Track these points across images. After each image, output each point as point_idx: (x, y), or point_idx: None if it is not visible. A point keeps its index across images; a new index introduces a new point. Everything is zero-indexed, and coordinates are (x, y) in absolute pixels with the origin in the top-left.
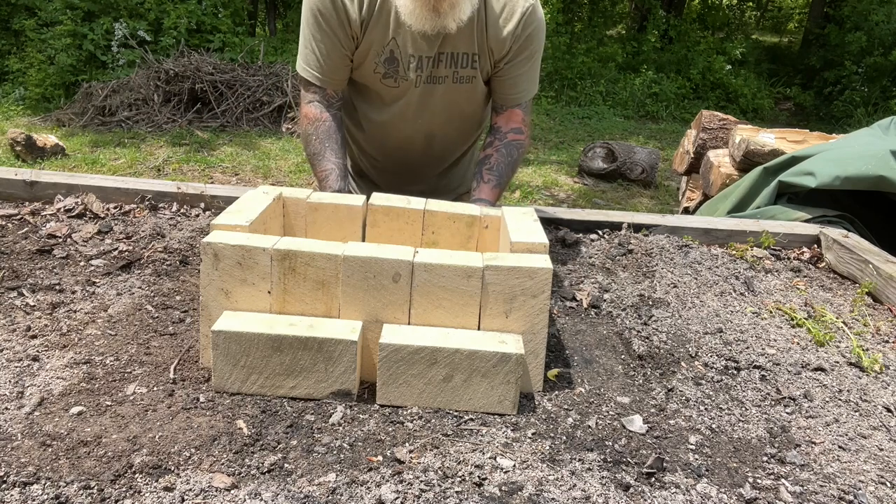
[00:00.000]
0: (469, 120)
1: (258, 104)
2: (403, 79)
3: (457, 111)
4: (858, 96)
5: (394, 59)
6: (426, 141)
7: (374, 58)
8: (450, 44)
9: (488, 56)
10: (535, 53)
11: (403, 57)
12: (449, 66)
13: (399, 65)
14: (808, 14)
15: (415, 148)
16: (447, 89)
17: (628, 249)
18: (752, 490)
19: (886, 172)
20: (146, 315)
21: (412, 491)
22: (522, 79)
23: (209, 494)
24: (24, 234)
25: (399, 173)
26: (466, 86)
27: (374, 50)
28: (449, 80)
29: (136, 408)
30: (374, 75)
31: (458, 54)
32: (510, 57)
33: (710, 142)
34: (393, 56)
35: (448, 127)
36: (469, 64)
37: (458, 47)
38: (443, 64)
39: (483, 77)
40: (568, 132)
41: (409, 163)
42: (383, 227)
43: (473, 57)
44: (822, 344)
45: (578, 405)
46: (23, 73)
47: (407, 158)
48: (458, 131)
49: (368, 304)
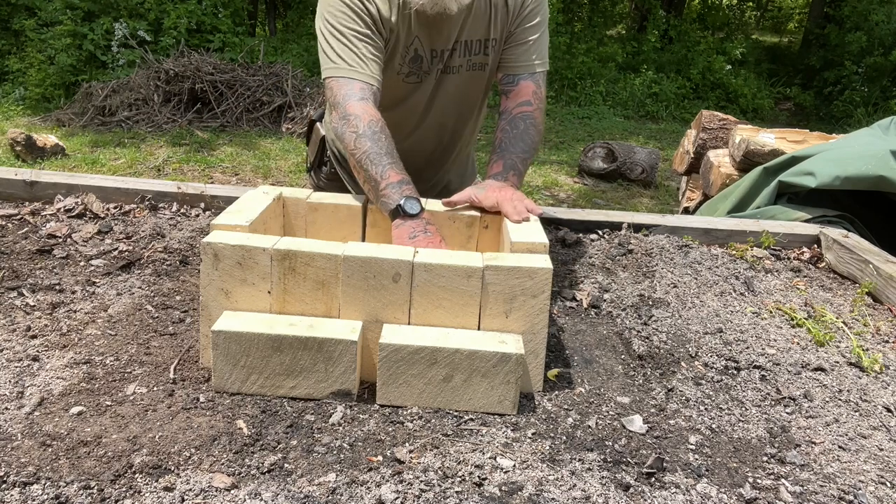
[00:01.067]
0: (476, 108)
1: (258, 104)
2: (427, 73)
3: (466, 101)
4: (858, 96)
5: (418, 57)
6: (437, 135)
7: (398, 59)
8: (465, 32)
9: (501, 35)
10: (542, 24)
11: (426, 53)
12: (463, 56)
13: (423, 61)
14: (808, 14)
15: (426, 144)
16: (459, 79)
17: (628, 249)
18: (752, 490)
19: (886, 172)
20: (146, 315)
21: (412, 491)
22: (533, 45)
23: (209, 494)
24: (24, 234)
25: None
26: (478, 73)
27: (400, 52)
28: (462, 70)
29: (136, 408)
30: (396, 77)
31: (473, 42)
32: (519, 22)
33: (710, 142)
34: (417, 54)
35: (456, 119)
36: (482, 50)
37: (473, 34)
38: (458, 54)
39: (493, 64)
40: (568, 132)
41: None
42: (383, 227)
43: (486, 43)
44: (822, 344)
45: (578, 405)
46: (23, 73)
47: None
48: (465, 122)
49: (368, 304)
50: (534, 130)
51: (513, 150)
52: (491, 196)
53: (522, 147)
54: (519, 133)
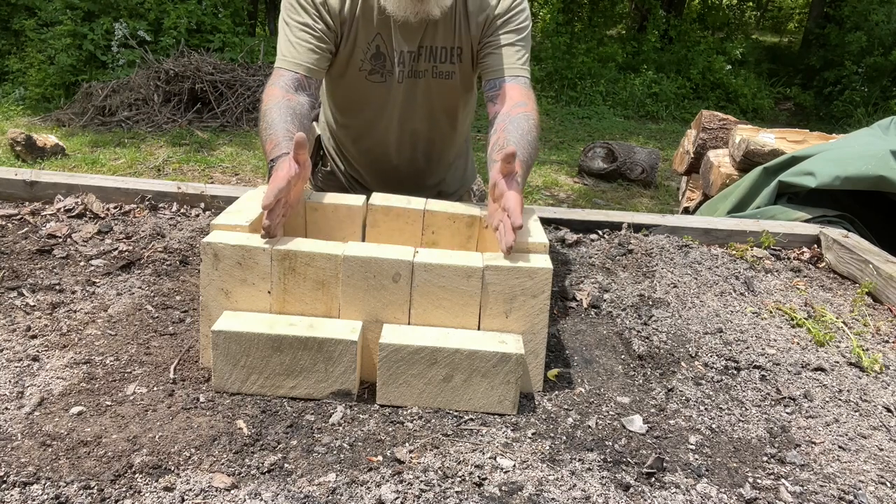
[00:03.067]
0: (450, 116)
1: (258, 104)
2: (390, 73)
3: (438, 108)
4: (858, 96)
5: (380, 55)
6: (411, 141)
7: (360, 55)
8: (429, 37)
9: (470, 45)
10: (521, 31)
11: (389, 52)
12: (428, 61)
13: (386, 60)
14: (808, 14)
15: (400, 150)
16: (427, 84)
17: (628, 249)
18: (752, 490)
19: (886, 172)
20: (146, 315)
21: (412, 491)
22: (515, 49)
23: (209, 494)
24: (24, 234)
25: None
26: (446, 82)
27: (360, 47)
28: (428, 75)
29: (136, 408)
30: (359, 73)
31: (437, 48)
32: (496, 28)
33: (710, 142)
34: (379, 51)
35: (430, 127)
36: (448, 59)
37: (437, 41)
38: (422, 58)
39: (464, 74)
40: (568, 132)
41: (397, 168)
42: (383, 227)
43: (453, 51)
44: (822, 344)
45: (578, 405)
46: (23, 73)
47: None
48: (440, 129)
49: (368, 304)
50: (534, 129)
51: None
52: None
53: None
54: (524, 132)
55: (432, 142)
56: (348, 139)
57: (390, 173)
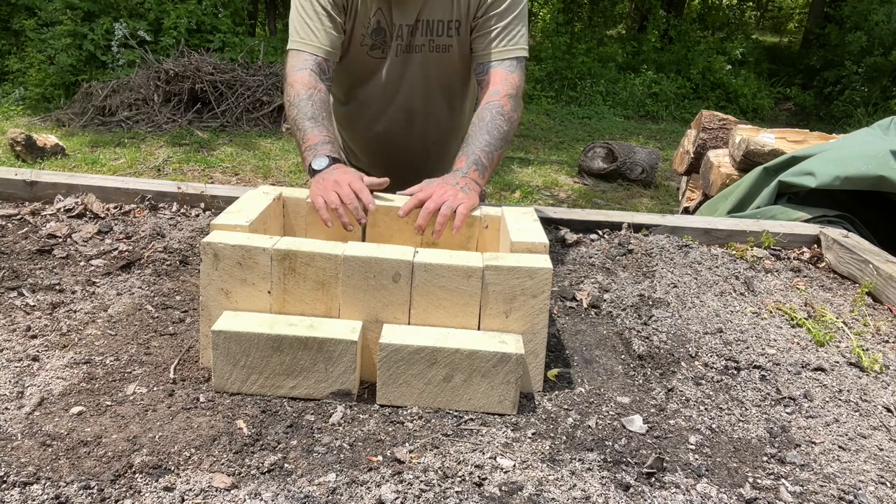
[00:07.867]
0: (448, 95)
1: (258, 104)
2: (389, 48)
3: (435, 86)
4: (858, 96)
5: (381, 30)
6: (407, 119)
7: (360, 30)
8: (427, 10)
9: (468, 19)
10: (511, 10)
11: (389, 26)
12: (425, 35)
13: (386, 34)
14: (808, 14)
15: (398, 130)
16: (424, 59)
17: (628, 249)
18: (752, 490)
19: (886, 172)
20: (146, 315)
21: (412, 491)
22: (501, 32)
23: (209, 494)
24: (24, 234)
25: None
26: (443, 56)
27: (361, 22)
28: (425, 49)
29: (136, 408)
30: (360, 48)
31: (434, 22)
32: (485, 9)
33: (710, 142)
34: (380, 26)
35: (426, 104)
36: (445, 31)
37: (435, 14)
38: (419, 32)
39: (462, 47)
40: (568, 132)
41: (396, 151)
42: (383, 227)
43: (450, 24)
44: (822, 344)
45: (578, 405)
46: (23, 73)
47: (392, 145)
48: (437, 108)
49: (368, 304)
50: (501, 119)
51: (477, 144)
52: (427, 192)
53: (487, 140)
54: (485, 125)
55: (428, 120)
56: (346, 119)
57: (387, 156)
